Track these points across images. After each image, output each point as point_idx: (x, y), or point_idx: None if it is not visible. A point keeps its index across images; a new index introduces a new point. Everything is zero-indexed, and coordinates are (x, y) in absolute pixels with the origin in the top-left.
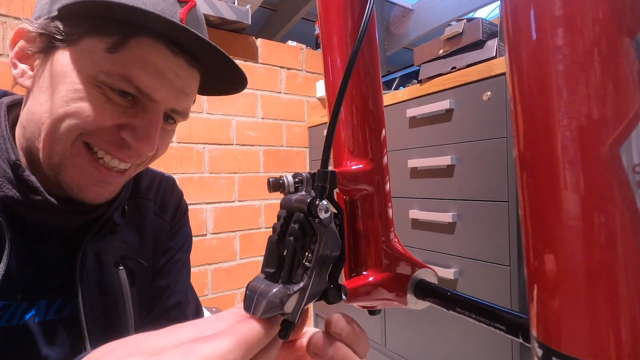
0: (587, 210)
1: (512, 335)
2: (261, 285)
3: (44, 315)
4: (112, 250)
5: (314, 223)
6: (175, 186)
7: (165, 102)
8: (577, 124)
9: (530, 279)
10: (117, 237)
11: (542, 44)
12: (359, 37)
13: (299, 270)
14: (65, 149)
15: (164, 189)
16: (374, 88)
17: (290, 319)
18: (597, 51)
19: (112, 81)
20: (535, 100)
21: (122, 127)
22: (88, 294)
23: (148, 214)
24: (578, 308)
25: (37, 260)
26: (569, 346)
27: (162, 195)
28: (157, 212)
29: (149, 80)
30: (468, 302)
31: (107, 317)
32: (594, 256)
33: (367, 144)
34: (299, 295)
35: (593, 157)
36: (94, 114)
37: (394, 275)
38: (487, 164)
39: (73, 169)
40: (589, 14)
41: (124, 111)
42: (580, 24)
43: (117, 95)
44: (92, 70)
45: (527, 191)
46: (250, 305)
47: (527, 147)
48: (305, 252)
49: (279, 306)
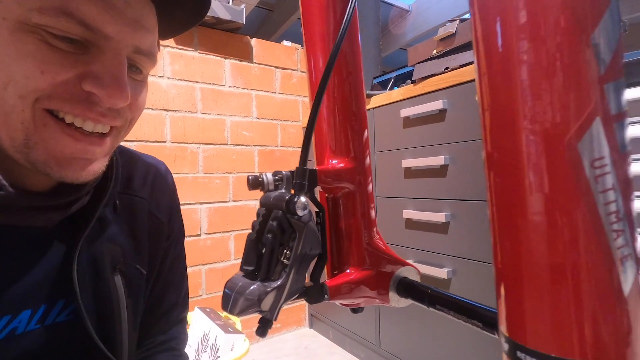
0: (548, 206)
1: (488, 331)
2: (239, 283)
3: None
4: (109, 255)
5: (293, 220)
6: (169, 178)
7: (121, 37)
8: (538, 123)
9: (498, 275)
10: (111, 238)
11: (507, 48)
12: (340, 34)
13: (277, 268)
14: (25, 122)
15: (159, 185)
16: (356, 88)
17: (268, 317)
18: (555, 51)
19: (49, 21)
20: (500, 101)
21: (82, 78)
22: (86, 300)
23: (142, 214)
24: (541, 304)
25: (26, 267)
26: (533, 341)
27: (157, 193)
28: (153, 211)
29: (93, 10)
30: (447, 299)
31: (100, 324)
32: (556, 252)
33: (349, 142)
34: (276, 292)
35: (553, 154)
36: (39, 67)
37: (375, 273)
38: (481, 164)
39: (44, 145)
40: (549, 16)
41: (77, 59)
42: (540, 26)
43: (61, 42)
44: (20, 13)
45: (494, 190)
46: (228, 303)
47: (494, 148)
48: (284, 250)
49: (256, 304)
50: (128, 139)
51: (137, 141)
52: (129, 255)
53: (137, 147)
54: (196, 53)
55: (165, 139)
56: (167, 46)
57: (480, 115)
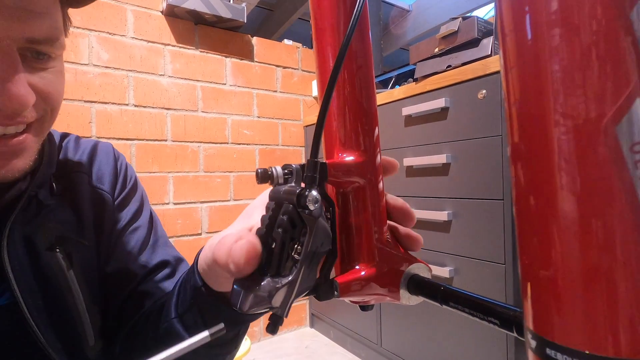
0: (584, 196)
1: (505, 329)
2: (248, 279)
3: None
4: (45, 233)
5: (304, 215)
6: (112, 152)
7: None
8: (571, 107)
9: (525, 272)
10: (49, 218)
11: (537, 27)
12: (351, 26)
13: (287, 264)
14: None
15: (99, 158)
16: (366, 81)
17: (279, 313)
18: (591, 26)
19: None
20: (530, 86)
21: None
22: (23, 282)
23: (82, 187)
24: (575, 300)
25: None
26: (564, 337)
27: (97, 165)
28: (94, 183)
29: None
30: (462, 296)
31: (50, 303)
32: (592, 245)
33: (359, 135)
34: (287, 288)
35: (588, 139)
36: None
37: (386, 270)
38: (483, 162)
39: None
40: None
41: None
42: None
43: None
44: None
45: (522, 183)
46: (237, 299)
47: (522, 138)
48: (294, 245)
49: (266, 300)
50: (128, 137)
51: (137, 140)
52: (72, 231)
53: (138, 146)
54: (197, 51)
55: (166, 138)
56: (168, 45)
57: (506, 105)
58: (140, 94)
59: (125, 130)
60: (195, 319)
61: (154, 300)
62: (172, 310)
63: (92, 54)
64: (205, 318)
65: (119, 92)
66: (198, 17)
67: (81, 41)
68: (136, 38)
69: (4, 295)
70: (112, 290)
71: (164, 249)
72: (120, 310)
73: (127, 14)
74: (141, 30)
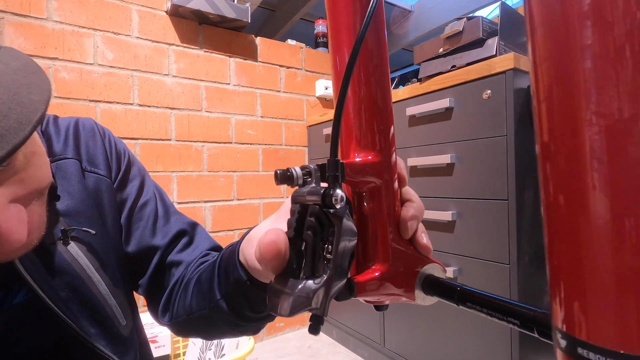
0: (618, 197)
1: (526, 329)
2: (284, 283)
3: None
4: (48, 230)
5: (330, 214)
6: (95, 129)
7: None
8: (605, 105)
9: (554, 270)
10: (49, 211)
11: (569, 36)
12: (365, 22)
13: (320, 264)
14: None
15: (85, 139)
16: (382, 80)
17: (319, 313)
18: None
19: None
20: (562, 83)
21: None
22: (39, 278)
23: (73, 174)
24: (608, 299)
25: None
26: (596, 337)
27: (85, 147)
28: (86, 168)
29: None
30: (479, 296)
31: (73, 294)
32: (625, 247)
33: (374, 135)
34: (324, 288)
35: (623, 139)
36: None
37: (401, 270)
38: (487, 163)
39: None
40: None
41: None
42: (610, 14)
43: None
44: None
45: (551, 181)
46: (276, 305)
47: (552, 137)
48: (325, 245)
49: (306, 302)
50: (133, 136)
51: (141, 139)
52: (75, 222)
53: (142, 145)
54: (201, 51)
55: (170, 137)
56: (172, 44)
57: (535, 102)
58: (144, 94)
59: (129, 130)
60: (242, 303)
61: (181, 269)
62: (217, 292)
63: (97, 53)
64: (251, 302)
65: (123, 91)
66: (202, 17)
67: (86, 41)
68: (141, 38)
69: (20, 293)
70: (138, 267)
71: (176, 217)
72: (151, 283)
73: (132, 13)
74: (146, 30)
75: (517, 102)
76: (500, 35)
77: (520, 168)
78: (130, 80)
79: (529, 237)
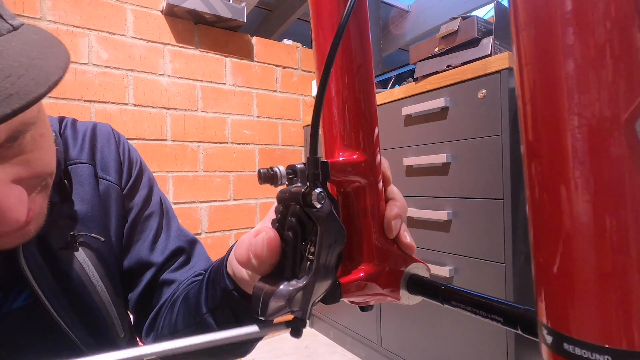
0: (602, 193)
1: (510, 327)
2: (265, 285)
3: None
4: (58, 231)
5: (312, 213)
6: (112, 135)
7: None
8: (589, 102)
9: (539, 267)
10: (59, 215)
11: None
12: (346, 13)
13: (302, 265)
14: None
15: (101, 145)
16: (366, 81)
17: (300, 316)
18: (610, 22)
19: None
20: (546, 81)
21: None
22: (43, 282)
23: (87, 179)
24: (591, 294)
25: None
26: (582, 332)
27: (100, 152)
28: (99, 174)
29: None
30: (463, 295)
31: (76, 301)
32: (609, 242)
33: (359, 135)
34: (304, 290)
35: (607, 136)
36: None
37: (386, 270)
38: (483, 162)
39: None
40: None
41: None
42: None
43: None
44: None
45: (536, 180)
46: (257, 307)
47: (536, 137)
48: (307, 245)
49: (285, 304)
50: (128, 136)
51: (137, 139)
52: (84, 228)
53: (138, 145)
54: (197, 51)
55: (166, 137)
56: (168, 44)
57: (520, 102)
58: (139, 94)
59: (124, 130)
60: (228, 316)
61: (172, 289)
62: (203, 306)
63: (91, 53)
64: (237, 315)
65: (118, 91)
66: (198, 17)
67: (81, 40)
68: (136, 37)
69: (20, 298)
70: (130, 281)
71: (177, 233)
72: (140, 299)
73: (126, 13)
74: (141, 29)
75: (512, 101)
76: (495, 34)
77: (516, 167)
78: (125, 80)
79: (525, 236)
